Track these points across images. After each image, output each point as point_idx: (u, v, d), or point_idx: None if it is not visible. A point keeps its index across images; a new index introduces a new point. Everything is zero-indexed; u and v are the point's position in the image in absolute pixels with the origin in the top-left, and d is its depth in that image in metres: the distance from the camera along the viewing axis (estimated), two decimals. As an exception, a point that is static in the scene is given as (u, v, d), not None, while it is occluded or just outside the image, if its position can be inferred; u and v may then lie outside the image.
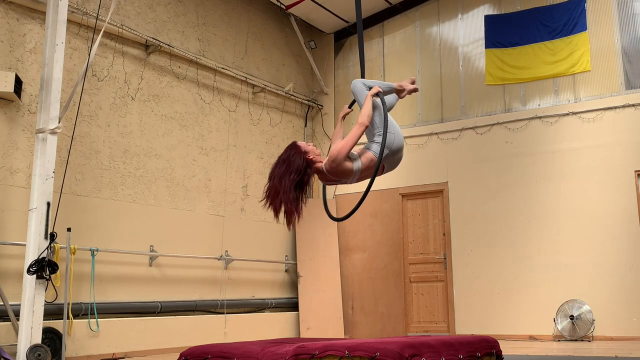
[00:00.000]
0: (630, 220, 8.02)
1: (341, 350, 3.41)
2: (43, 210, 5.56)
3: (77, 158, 6.89)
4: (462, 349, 3.77)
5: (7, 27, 6.45)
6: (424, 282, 9.41)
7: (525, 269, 8.59)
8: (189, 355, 3.98)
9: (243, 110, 9.29)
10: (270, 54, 9.97)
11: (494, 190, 9.00)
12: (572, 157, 8.53)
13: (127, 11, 7.70)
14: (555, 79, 8.86)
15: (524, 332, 8.42)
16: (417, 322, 9.41)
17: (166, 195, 7.91)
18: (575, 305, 8.00)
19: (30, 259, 5.46)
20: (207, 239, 8.36)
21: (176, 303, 7.74)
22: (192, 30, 8.60)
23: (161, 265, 7.70)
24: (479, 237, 9.00)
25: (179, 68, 8.32)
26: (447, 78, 9.75)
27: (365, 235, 9.79)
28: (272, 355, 3.61)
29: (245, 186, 9.12)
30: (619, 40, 8.48)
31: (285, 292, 9.52)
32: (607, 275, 8.04)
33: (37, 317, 5.42)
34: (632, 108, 8.26)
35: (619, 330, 7.84)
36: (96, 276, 6.84)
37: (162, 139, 7.95)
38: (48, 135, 5.69)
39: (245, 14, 9.56)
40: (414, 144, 9.71)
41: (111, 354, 6.70)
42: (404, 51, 10.20)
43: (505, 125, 9.09)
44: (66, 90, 6.51)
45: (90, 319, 6.63)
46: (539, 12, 9.08)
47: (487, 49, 9.35)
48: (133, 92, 7.67)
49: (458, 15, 9.80)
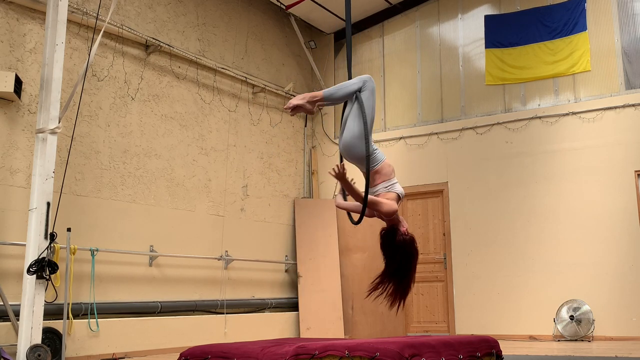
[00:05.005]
0: (630, 220, 8.02)
1: (341, 350, 3.41)
2: (43, 210, 5.56)
3: (77, 158, 6.89)
4: (462, 349, 3.77)
5: (7, 27, 6.45)
6: (424, 282, 9.41)
7: (525, 269, 8.59)
8: (189, 355, 3.99)
9: (243, 110, 9.29)
10: (270, 54, 9.97)
11: (494, 190, 9.00)
12: (572, 157, 8.53)
13: (127, 11, 7.70)
14: (555, 79, 8.86)
15: (524, 332, 8.42)
16: (417, 322, 9.41)
17: (166, 195, 7.91)
18: (575, 305, 8.00)
19: (30, 259, 5.46)
20: (207, 239, 8.36)
21: (176, 303, 7.74)
22: (192, 30, 8.60)
23: (161, 265, 7.70)
24: (479, 237, 9.00)
25: (179, 68, 8.32)
26: (447, 78, 9.75)
27: (365, 235, 9.78)
28: (272, 355, 3.61)
29: (245, 186, 9.12)
30: (619, 40, 8.48)
31: (285, 292, 9.52)
32: (607, 275, 8.04)
33: (37, 317, 5.42)
34: (632, 108, 8.26)
35: (619, 330, 7.84)
36: (96, 276, 6.84)
37: (162, 139, 7.95)
38: (48, 135, 5.69)
39: (245, 14, 9.56)
40: (414, 144, 9.71)
41: (111, 354, 6.70)
42: (404, 51, 10.20)
43: (505, 125, 9.09)
44: (66, 90, 6.51)
45: (90, 319, 6.63)
46: (539, 12, 9.08)
47: (487, 49, 9.35)
48: (133, 92, 7.67)
49: (458, 15, 9.80)
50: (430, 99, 9.83)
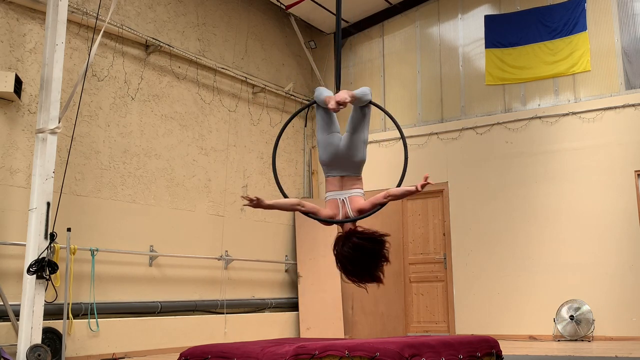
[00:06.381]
0: (630, 220, 8.02)
1: (341, 351, 3.41)
2: (43, 210, 5.56)
3: (77, 158, 6.89)
4: (462, 349, 3.77)
5: (7, 27, 6.45)
6: (424, 282, 9.41)
7: (525, 269, 8.59)
8: (189, 355, 3.98)
9: (243, 110, 9.29)
10: (270, 54, 9.97)
11: (494, 190, 9.00)
12: (572, 157, 8.53)
13: (127, 11, 7.70)
14: (555, 79, 8.86)
15: (524, 332, 8.42)
16: (417, 322, 9.41)
17: (166, 195, 7.91)
18: (575, 305, 8.00)
19: (30, 259, 5.46)
20: (207, 239, 8.36)
21: (176, 303, 7.73)
22: (192, 30, 8.60)
23: (161, 265, 7.70)
24: (479, 237, 9.00)
25: (179, 68, 8.32)
26: (447, 78, 9.75)
27: (365, 235, 9.76)
28: (272, 355, 3.61)
29: (245, 186, 9.12)
30: (619, 40, 8.48)
31: (285, 292, 9.52)
32: (607, 275, 8.04)
33: (37, 317, 5.42)
34: (632, 108, 8.26)
35: (619, 330, 7.84)
36: (96, 276, 6.84)
37: (162, 139, 7.95)
38: (48, 135, 5.69)
39: (245, 14, 9.56)
40: (414, 144, 9.70)
41: (111, 354, 6.70)
42: (404, 51, 10.20)
43: (505, 125, 9.09)
44: (66, 90, 6.50)
45: (90, 319, 6.63)
46: (539, 12, 9.07)
47: (487, 49, 9.35)
48: (133, 92, 7.67)
49: (458, 15, 9.80)
50: (430, 99, 9.83)
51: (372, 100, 4.10)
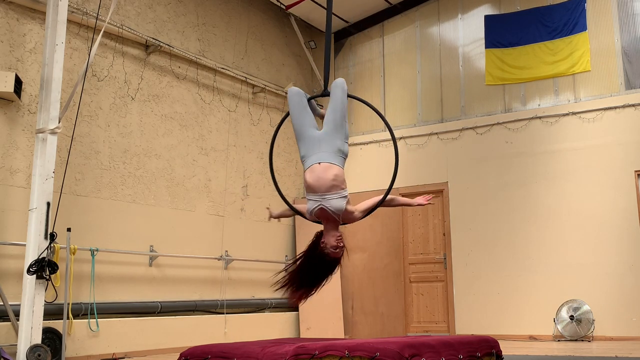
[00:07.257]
0: (630, 220, 8.02)
1: (341, 350, 3.41)
2: (43, 210, 5.56)
3: (77, 158, 6.89)
4: (462, 349, 3.77)
5: (7, 27, 6.45)
6: (424, 282, 9.41)
7: (525, 269, 8.59)
8: (189, 355, 3.98)
9: (243, 110, 9.29)
10: (270, 54, 9.97)
11: (494, 190, 9.00)
12: (572, 157, 8.53)
13: (127, 11, 7.70)
14: (555, 79, 8.86)
15: (524, 332, 8.42)
16: (417, 322, 9.41)
17: (166, 195, 7.91)
18: (575, 305, 8.00)
19: (30, 259, 5.46)
20: (207, 239, 8.36)
21: (176, 303, 7.74)
22: (192, 30, 8.60)
23: (161, 265, 7.70)
24: (479, 237, 9.00)
25: (179, 68, 8.32)
26: (447, 78, 9.75)
27: (365, 236, 9.78)
28: (272, 355, 3.60)
29: (245, 186, 9.12)
30: (619, 40, 8.48)
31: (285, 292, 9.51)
32: (607, 275, 8.04)
33: (37, 317, 5.42)
34: (632, 108, 8.26)
35: (619, 330, 7.84)
36: (96, 276, 6.84)
37: (162, 139, 7.95)
38: (48, 135, 5.69)
39: (245, 14, 9.56)
40: (414, 144, 9.71)
41: (111, 354, 6.70)
42: (404, 51, 10.20)
43: (505, 125, 9.09)
44: (66, 90, 6.50)
45: (90, 319, 6.63)
46: (539, 12, 9.08)
47: (487, 49, 9.35)
48: (133, 92, 7.67)
49: (458, 15, 9.80)
50: (430, 99, 9.83)
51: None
